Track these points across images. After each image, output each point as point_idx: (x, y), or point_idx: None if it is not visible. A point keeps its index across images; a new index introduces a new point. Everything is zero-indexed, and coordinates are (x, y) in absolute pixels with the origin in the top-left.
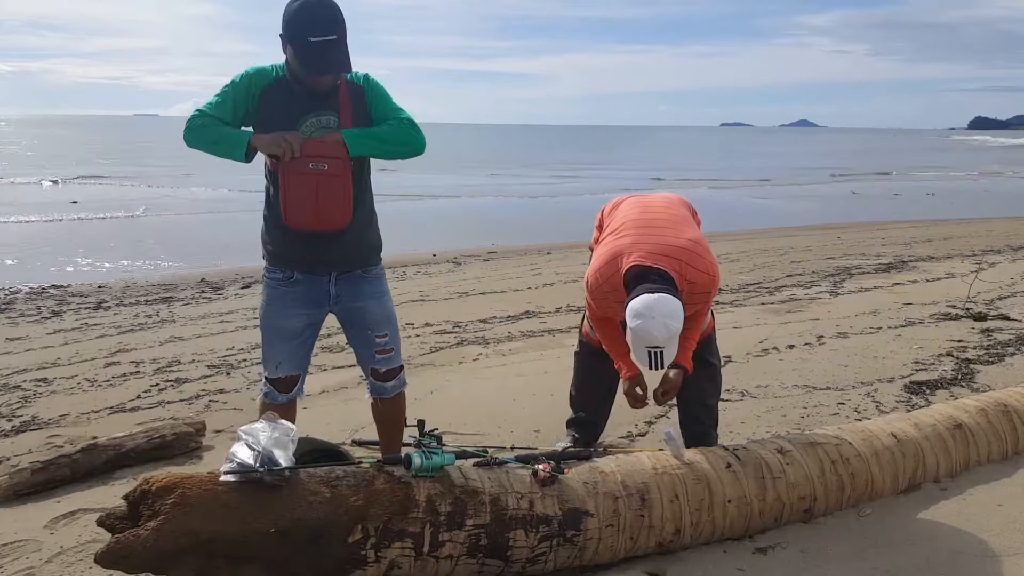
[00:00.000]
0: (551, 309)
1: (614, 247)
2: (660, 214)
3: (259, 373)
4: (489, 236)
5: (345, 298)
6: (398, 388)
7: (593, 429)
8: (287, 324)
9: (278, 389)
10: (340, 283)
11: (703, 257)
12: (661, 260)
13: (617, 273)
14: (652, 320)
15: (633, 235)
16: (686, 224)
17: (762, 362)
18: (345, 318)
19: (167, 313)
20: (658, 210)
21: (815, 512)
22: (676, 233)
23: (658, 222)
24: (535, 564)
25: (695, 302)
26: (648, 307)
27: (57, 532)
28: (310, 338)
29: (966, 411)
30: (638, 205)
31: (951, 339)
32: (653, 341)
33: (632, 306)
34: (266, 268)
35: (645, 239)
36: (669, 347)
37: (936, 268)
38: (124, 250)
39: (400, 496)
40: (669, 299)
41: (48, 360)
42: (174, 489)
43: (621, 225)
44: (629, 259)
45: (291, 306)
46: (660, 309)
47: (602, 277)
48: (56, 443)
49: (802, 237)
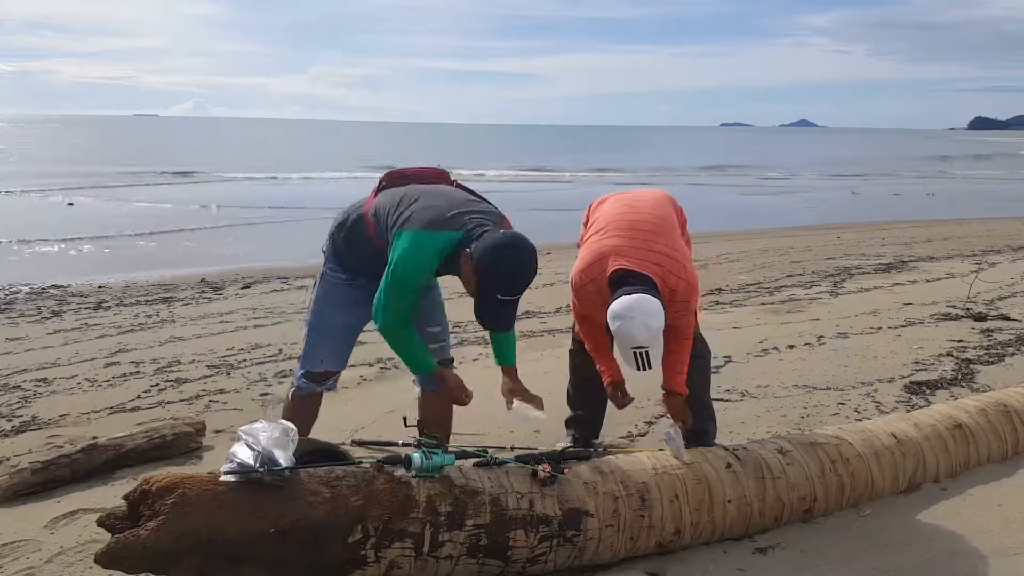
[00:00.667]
0: (551, 309)
1: (600, 248)
2: (646, 215)
3: (288, 370)
4: None
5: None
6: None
7: (592, 426)
8: (341, 321)
9: (313, 381)
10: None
11: (683, 265)
12: (645, 265)
13: (603, 274)
14: (632, 320)
15: (619, 237)
16: (670, 229)
17: (762, 362)
18: None
19: (167, 313)
20: (644, 211)
21: (815, 512)
22: (660, 239)
23: (644, 224)
24: (535, 564)
25: (676, 310)
26: (627, 308)
27: (57, 532)
28: (355, 337)
29: (966, 411)
30: (624, 203)
31: (951, 339)
32: (635, 341)
33: (612, 309)
34: (329, 266)
35: (630, 242)
36: (653, 347)
37: (936, 268)
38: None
39: (400, 496)
40: (648, 299)
41: (48, 360)
42: (174, 489)
43: (607, 224)
44: (614, 262)
45: (351, 304)
46: (639, 308)
47: (587, 277)
48: (56, 443)
49: (802, 237)
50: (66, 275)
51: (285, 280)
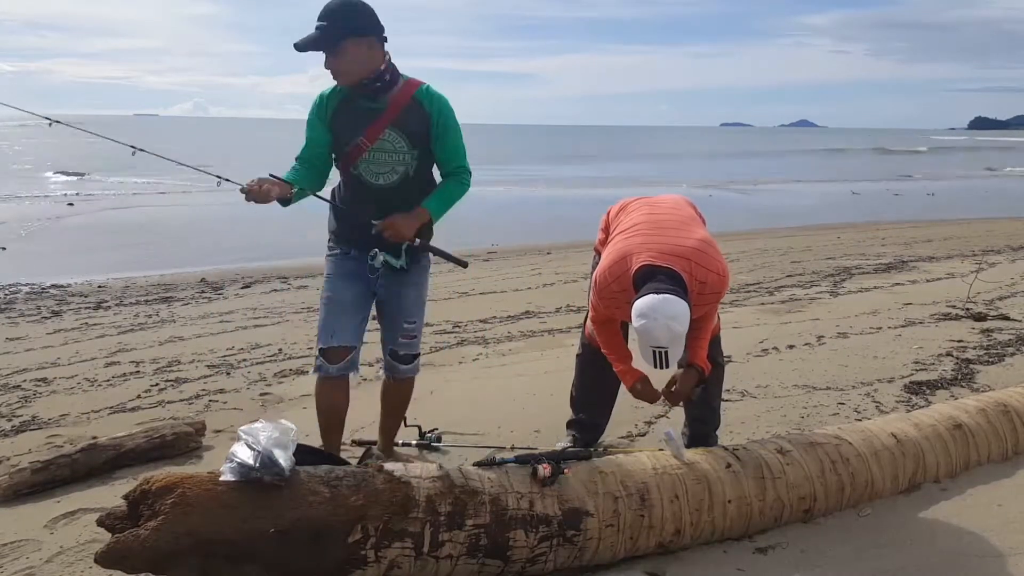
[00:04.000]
0: (551, 309)
1: (624, 247)
2: (668, 215)
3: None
4: (489, 236)
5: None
6: (412, 372)
7: (594, 432)
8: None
9: (329, 360)
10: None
11: (713, 257)
12: (671, 260)
13: (627, 273)
14: (655, 321)
15: (643, 235)
16: (694, 224)
17: (762, 362)
18: (384, 300)
19: (167, 313)
20: (666, 211)
21: (815, 512)
22: (686, 233)
23: (667, 223)
24: (535, 564)
25: (706, 302)
26: (652, 308)
27: (57, 532)
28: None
29: (966, 411)
30: (646, 206)
31: (951, 339)
32: (656, 342)
33: (637, 306)
34: (329, 244)
35: (655, 239)
36: (674, 347)
37: (936, 268)
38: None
39: (400, 496)
40: (675, 300)
41: (48, 360)
42: (174, 489)
43: (632, 226)
44: (639, 259)
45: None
46: (664, 310)
47: (611, 276)
48: (56, 443)
49: (802, 237)
50: (66, 275)
51: (285, 280)
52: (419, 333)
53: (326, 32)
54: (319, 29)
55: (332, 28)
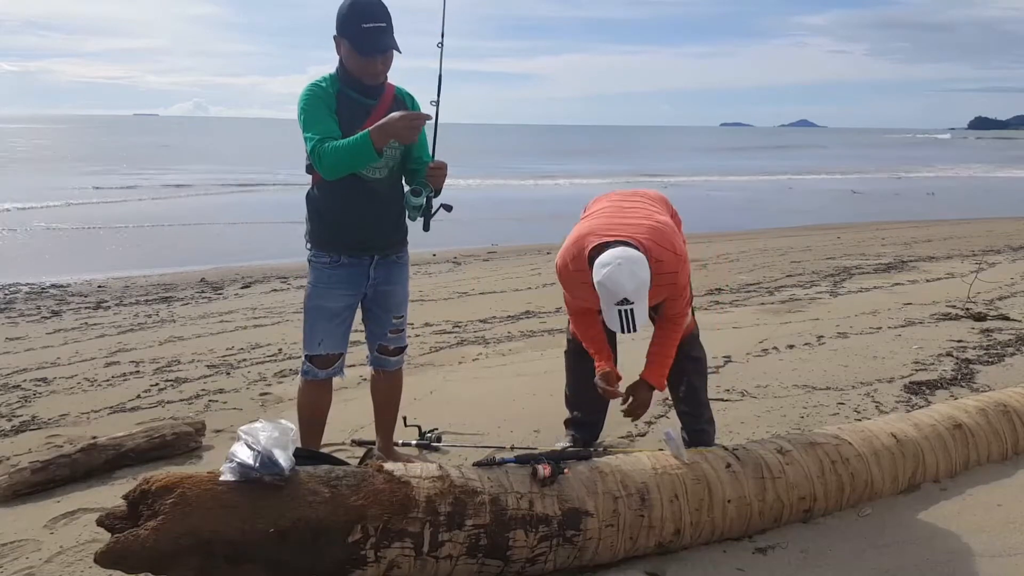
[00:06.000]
0: (551, 309)
1: (581, 228)
2: (633, 201)
3: (296, 350)
4: (489, 236)
5: (380, 281)
6: (399, 364)
7: (592, 428)
8: (333, 304)
9: (317, 366)
10: (379, 267)
11: (669, 238)
12: (626, 237)
13: (582, 253)
14: (619, 267)
15: (602, 218)
16: (659, 213)
17: (762, 362)
18: (373, 299)
19: (167, 313)
20: (633, 200)
21: (815, 512)
22: (645, 215)
23: (630, 208)
24: (535, 564)
25: (664, 282)
26: (614, 256)
27: (57, 532)
28: (348, 318)
29: (966, 411)
30: (617, 196)
31: (951, 339)
32: (622, 291)
33: (599, 259)
34: (312, 252)
35: (612, 220)
36: (639, 303)
37: (936, 268)
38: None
39: (400, 496)
40: (632, 250)
41: (48, 360)
42: (174, 489)
43: (596, 211)
44: (592, 239)
45: (338, 285)
46: (624, 256)
47: (568, 256)
48: (56, 443)
49: (802, 237)
50: (66, 274)
51: (285, 280)
52: (405, 327)
53: (390, 32)
54: (382, 31)
55: (391, 29)
